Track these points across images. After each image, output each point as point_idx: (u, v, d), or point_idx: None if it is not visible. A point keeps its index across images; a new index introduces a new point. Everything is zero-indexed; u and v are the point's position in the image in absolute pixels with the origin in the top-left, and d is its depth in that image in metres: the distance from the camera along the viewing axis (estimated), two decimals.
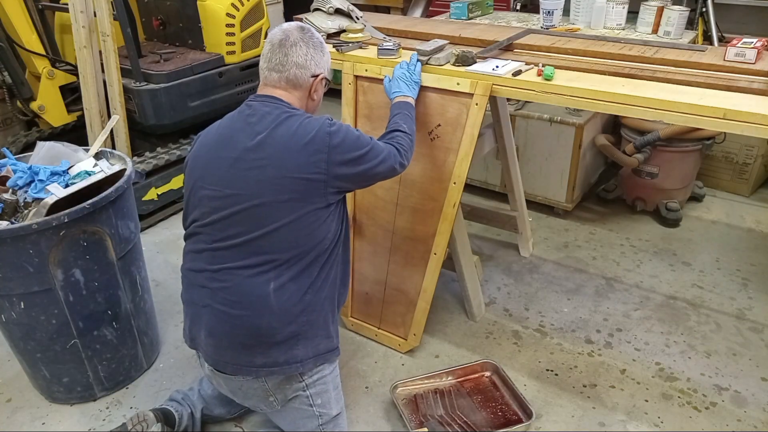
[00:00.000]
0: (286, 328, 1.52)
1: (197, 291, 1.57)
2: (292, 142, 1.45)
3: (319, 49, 1.56)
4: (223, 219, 1.50)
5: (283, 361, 1.54)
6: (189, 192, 1.60)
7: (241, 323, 1.51)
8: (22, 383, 2.21)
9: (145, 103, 3.14)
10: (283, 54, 1.52)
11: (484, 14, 3.50)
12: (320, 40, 1.57)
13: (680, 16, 2.74)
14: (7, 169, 1.99)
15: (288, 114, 1.49)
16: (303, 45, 1.52)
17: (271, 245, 1.47)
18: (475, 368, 2.17)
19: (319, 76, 1.57)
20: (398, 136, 1.70)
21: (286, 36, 1.52)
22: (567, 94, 1.76)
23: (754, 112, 1.51)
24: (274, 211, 1.45)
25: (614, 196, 3.34)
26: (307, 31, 1.55)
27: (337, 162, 1.47)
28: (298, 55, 1.52)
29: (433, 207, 2.08)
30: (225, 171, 1.49)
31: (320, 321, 1.59)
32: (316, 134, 1.46)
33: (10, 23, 3.13)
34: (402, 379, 2.12)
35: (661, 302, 2.57)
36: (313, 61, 1.54)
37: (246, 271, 1.49)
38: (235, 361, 1.56)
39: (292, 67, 1.52)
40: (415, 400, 2.06)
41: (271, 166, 1.45)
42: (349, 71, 2.14)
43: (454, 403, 2.04)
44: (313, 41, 1.54)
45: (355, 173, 1.52)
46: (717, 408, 2.04)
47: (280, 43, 1.52)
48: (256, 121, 1.49)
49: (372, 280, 2.31)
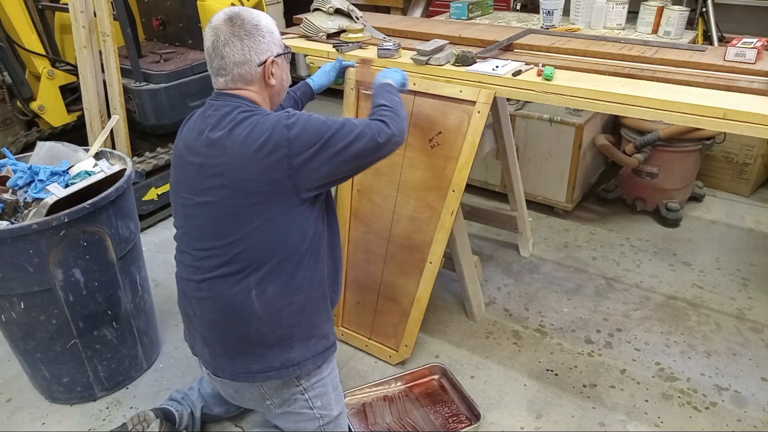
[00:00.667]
0: (276, 332, 1.50)
1: (188, 301, 1.57)
2: (248, 143, 1.37)
3: (254, 36, 1.42)
4: (197, 227, 1.48)
5: (279, 365, 1.53)
6: (171, 197, 1.58)
7: (230, 332, 1.50)
8: (22, 383, 2.21)
9: (145, 103, 3.14)
10: (220, 57, 1.43)
11: (484, 14, 3.50)
12: (254, 23, 1.43)
13: (680, 16, 2.74)
14: (7, 169, 1.99)
15: (245, 114, 1.41)
16: (236, 40, 1.41)
17: (246, 251, 1.44)
18: (424, 372, 2.17)
19: (267, 61, 1.45)
20: (380, 110, 1.58)
21: (217, 36, 1.42)
22: (567, 94, 1.76)
23: (754, 112, 1.51)
24: (242, 216, 1.41)
25: (614, 196, 3.34)
26: (236, 20, 1.42)
27: (301, 154, 1.38)
28: (234, 53, 1.41)
29: (430, 215, 2.07)
30: (192, 178, 1.46)
31: (311, 321, 1.57)
32: (273, 131, 1.37)
33: (10, 23, 3.13)
34: (350, 387, 2.10)
35: (661, 302, 2.57)
36: (253, 52, 1.42)
37: (226, 280, 1.46)
38: (231, 367, 1.55)
39: (233, 68, 1.43)
40: (364, 408, 2.05)
41: (231, 170, 1.39)
42: (351, 76, 2.14)
43: (403, 408, 2.04)
44: (245, 30, 1.41)
45: (327, 159, 1.40)
46: (717, 408, 2.04)
47: (213, 46, 1.43)
48: (215, 123, 1.43)
49: (365, 288, 2.28)
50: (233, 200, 1.41)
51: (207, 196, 1.44)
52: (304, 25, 2.33)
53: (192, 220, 1.49)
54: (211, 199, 1.43)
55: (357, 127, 1.45)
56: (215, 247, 1.46)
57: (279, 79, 1.52)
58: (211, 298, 1.50)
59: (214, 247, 1.46)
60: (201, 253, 1.49)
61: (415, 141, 2.06)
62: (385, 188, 2.16)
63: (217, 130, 1.42)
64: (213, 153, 1.42)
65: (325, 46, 2.25)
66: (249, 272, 1.46)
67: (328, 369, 1.67)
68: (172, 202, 1.58)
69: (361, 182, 2.20)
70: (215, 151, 1.41)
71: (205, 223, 1.46)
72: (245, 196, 1.40)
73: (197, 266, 1.51)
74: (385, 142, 1.49)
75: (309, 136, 1.39)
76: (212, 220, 1.45)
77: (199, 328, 1.56)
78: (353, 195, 2.23)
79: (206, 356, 1.59)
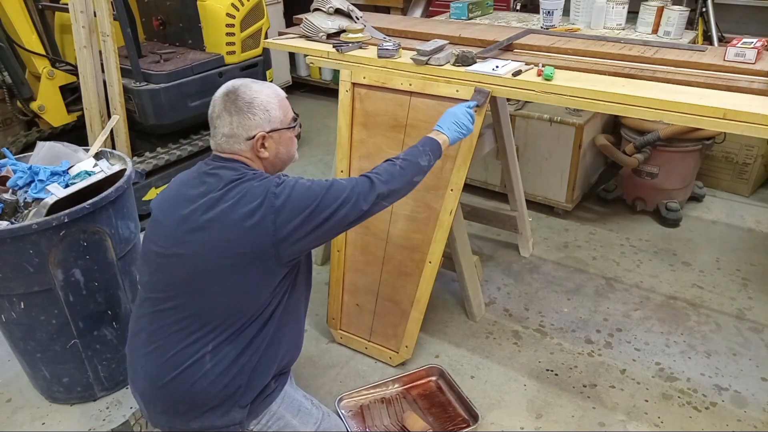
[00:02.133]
0: (221, 393, 1.44)
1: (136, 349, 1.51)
2: (238, 208, 1.39)
3: (245, 113, 1.45)
4: (164, 278, 1.46)
5: (220, 424, 1.47)
6: (143, 243, 1.56)
7: (173, 391, 1.44)
8: (22, 383, 2.21)
9: (145, 103, 3.14)
10: (213, 127, 1.49)
11: (484, 14, 3.50)
12: (248, 100, 1.45)
13: (680, 16, 2.74)
14: (7, 169, 1.99)
15: (240, 178, 1.44)
16: (226, 115, 1.45)
17: (212, 310, 1.42)
18: (421, 374, 2.17)
19: (256, 135, 1.46)
20: (382, 166, 1.59)
21: (212, 108, 1.48)
22: (567, 94, 1.76)
23: (754, 112, 1.51)
24: (215, 275, 1.40)
25: (614, 196, 3.34)
26: (232, 95, 1.46)
27: (285, 225, 1.39)
28: (224, 126, 1.46)
29: (428, 215, 2.07)
30: (173, 229, 1.45)
31: (259, 381, 1.51)
32: (263, 198, 1.40)
33: (10, 23, 3.13)
34: (348, 390, 2.10)
35: (661, 302, 2.57)
36: (241, 127, 1.45)
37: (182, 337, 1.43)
38: (169, 424, 1.50)
39: (222, 139, 1.48)
40: (362, 411, 2.05)
41: (216, 229, 1.39)
42: (346, 78, 2.13)
43: (401, 410, 2.04)
44: (236, 106, 1.45)
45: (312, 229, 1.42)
46: (717, 408, 2.04)
47: (209, 115, 1.50)
48: (211, 182, 1.45)
49: (363, 290, 2.28)
50: (211, 257, 1.40)
51: (184, 248, 1.42)
52: (304, 25, 2.33)
53: (162, 270, 1.46)
54: (187, 252, 1.42)
55: (344, 190, 1.46)
56: (179, 302, 1.43)
57: (273, 152, 1.51)
58: (162, 352, 1.44)
59: (177, 301, 1.43)
60: (163, 304, 1.46)
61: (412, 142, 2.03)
62: None
63: (211, 187, 1.44)
64: (203, 209, 1.42)
65: (325, 46, 2.25)
66: (208, 330, 1.42)
67: (278, 401, 1.58)
68: (143, 248, 1.55)
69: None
70: (206, 208, 1.42)
71: (174, 276, 1.44)
72: (225, 256, 1.39)
73: (155, 318, 1.47)
74: (368, 209, 1.50)
75: (294, 205, 1.41)
76: (183, 273, 1.42)
77: (141, 383, 1.50)
78: None
79: (144, 410, 1.54)
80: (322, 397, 2.11)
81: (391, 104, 2.09)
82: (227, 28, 3.39)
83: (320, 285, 2.72)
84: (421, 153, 1.66)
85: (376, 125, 2.13)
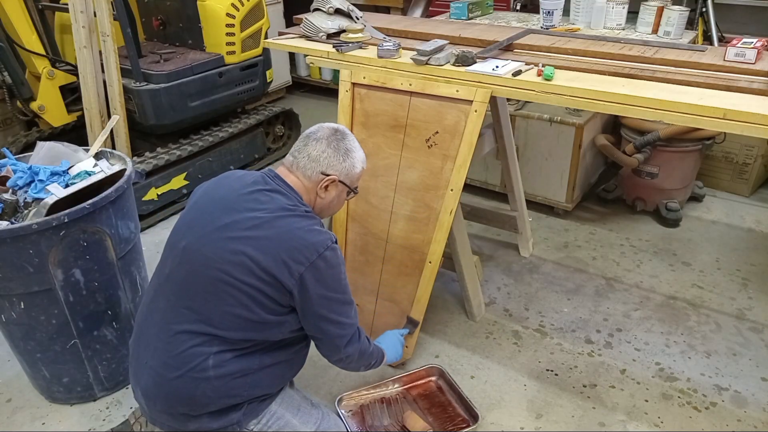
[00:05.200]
0: (221, 401, 1.46)
1: (143, 347, 1.52)
2: (285, 238, 1.42)
3: (340, 154, 1.55)
4: (185, 277, 1.45)
5: (217, 426, 1.48)
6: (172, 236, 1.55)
7: (175, 391, 1.45)
8: (22, 383, 2.21)
9: (145, 103, 3.14)
10: (304, 144, 1.56)
11: (484, 14, 3.50)
12: (348, 148, 1.56)
13: (680, 16, 2.74)
14: (7, 169, 1.99)
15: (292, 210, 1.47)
16: (325, 142, 1.54)
17: (221, 323, 1.42)
18: (421, 374, 2.17)
19: (331, 176, 1.54)
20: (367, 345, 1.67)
21: (316, 130, 1.57)
22: (567, 94, 1.76)
23: (754, 112, 1.51)
24: (235, 290, 1.40)
25: (614, 196, 3.34)
26: (341, 134, 1.56)
27: (312, 280, 1.42)
28: (315, 149, 1.54)
29: (428, 215, 2.07)
30: (210, 231, 1.45)
31: (261, 392, 1.52)
32: (312, 245, 1.43)
33: (10, 23, 3.13)
34: (348, 390, 2.10)
35: (661, 302, 2.57)
36: (328, 161, 1.54)
37: (190, 338, 1.43)
38: (168, 422, 1.52)
39: (304, 157, 1.54)
40: (362, 411, 2.05)
41: (253, 246, 1.40)
42: (346, 78, 2.13)
43: (400, 410, 2.04)
44: (337, 144, 1.55)
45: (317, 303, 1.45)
46: (717, 408, 2.04)
47: (307, 134, 1.58)
48: (264, 200, 1.47)
49: (363, 290, 2.27)
50: (236, 271, 1.40)
51: (214, 252, 1.42)
52: (304, 25, 2.33)
53: (185, 265, 1.46)
54: (216, 256, 1.42)
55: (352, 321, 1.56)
56: (194, 304, 1.44)
57: (329, 199, 1.59)
58: (169, 350, 1.45)
59: (193, 302, 1.44)
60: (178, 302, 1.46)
61: (412, 142, 2.06)
62: (382, 189, 2.16)
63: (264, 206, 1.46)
64: (247, 225, 1.42)
65: (325, 46, 2.25)
66: (214, 338, 1.43)
67: (278, 400, 1.59)
68: (170, 239, 1.54)
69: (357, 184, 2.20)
70: (250, 225, 1.42)
71: (195, 275, 1.44)
72: (249, 274, 1.40)
73: (167, 315, 1.47)
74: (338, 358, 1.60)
75: (328, 277, 1.46)
76: (205, 276, 1.42)
77: (144, 380, 1.50)
78: None
79: (144, 407, 1.55)
80: (322, 397, 2.11)
81: (391, 104, 2.09)
82: (227, 28, 3.39)
83: None
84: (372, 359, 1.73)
85: (376, 125, 2.13)
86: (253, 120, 3.75)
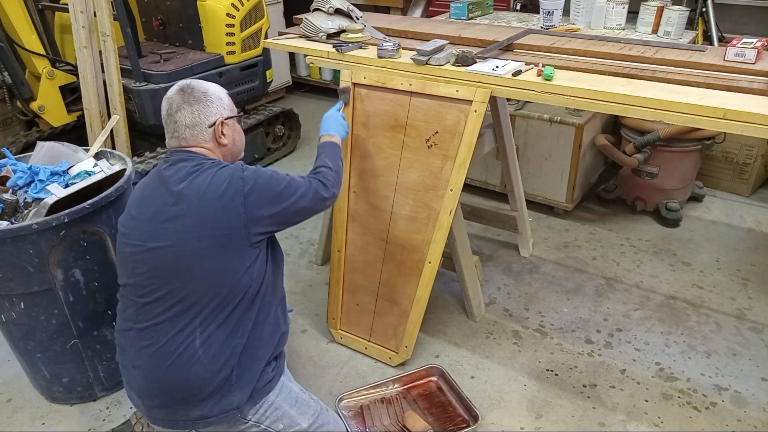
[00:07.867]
0: (217, 377, 1.48)
1: (127, 352, 1.55)
2: (208, 192, 1.47)
3: (203, 102, 1.57)
4: (145, 272, 1.49)
5: (218, 410, 1.51)
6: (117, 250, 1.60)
7: (169, 380, 1.48)
8: (22, 383, 2.21)
9: (145, 103, 3.14)
10: (173, 122, 1.56)
11: (484, 14, 3.50)
12: (203, 90, 1.58)
13: (680, 16, 2.74)
14: (7, 169, 1.99)
15: (202, 166, 1.52)
16: (186, 106, 1.55)
17: (194, 293, 1.46)
18: (421, 374, 2.17)
19: (216, 122, 1.57)
20: (322, 171, 1.74)
21: (170, 104, 1.56)
22: (567, 94, 1.76)
23: (754, 112, 1.51)
24: (195, 258, 1.46)
25: (614, 196, 3.34)
26: (187, 89, 1.57)
27: (254, 205, 1.50)
28: (185, 117, 1.55)
29: (428, 215, 2.07)
30: (145, 225, 1.51)
31: (253, 364, 1.55)
32: (230, 182, 1.49)
33: (10, 23, 3.13)
34: (348, 390, 2.10)
35: (661, 302, 2.57)
36: (202, 115, 1.56)
37: (170, 324, 1.47)
38: (169, 417, 1.53)
39: (185, 130, 1.56)
40: (362, 411, 2.05)
41: (189, 215, 1.46)
42: (346, 78, 2.14)
43: (401, 410, 2.04)
44: (194, 97, 1.56)
45: (276, 212, 1.54)
46: (717, 408, 2.04)
47: (167, 113, 1.57)
48: (173, 174, 1.52)
49: (363, 291, 2.28)
50: (187, 243, 1.46)
51: (159, 241, 1.47)
52: (304, 25, 2.33)
53: (140, 267, 1.50)
54: (164, 243, 1.47)
55: (301, 186, 1.61)
56: (162, 293, 1.47)
57: (231, 138, 1.63)
58: (154, 345, 1.48)
59: (161, 291, 1.48)
60: (147, 298, 1.49)
61: (412, 142, 2.06)
62: (381, 189, 2.16)
63: (176, 178, 1.51)
64: (172, 200, 1.48)
65: (325, 46, 2.25)
66: (194, 315, 1.47)
67: (276, 391, 1.61)
68: (118, 254, 1.59)
69: (357, 184, 2.20)
70: (173, 199, 1.48)
71: (154, 269, 1.48)
72: (201, 239, 1.46)
73: (141, 312, 1.51)
74: (322, 202, 1.67)
75: (261, 189, 1.52)
76: (163, 264, 1.47)
77: (137, 381, 1.53)
78: (349, 197, 2.23)
79: (143, 409, 1.57)
80: (322, 397, 2.11)
81: (391, 104, 2.09)
82: (227, 28, 3.39)
83: (320, 285, 2.72)
84: (337, 156, 1.83)
85: (377, 125, 2.13)
86: (253, 120, 3.76)
